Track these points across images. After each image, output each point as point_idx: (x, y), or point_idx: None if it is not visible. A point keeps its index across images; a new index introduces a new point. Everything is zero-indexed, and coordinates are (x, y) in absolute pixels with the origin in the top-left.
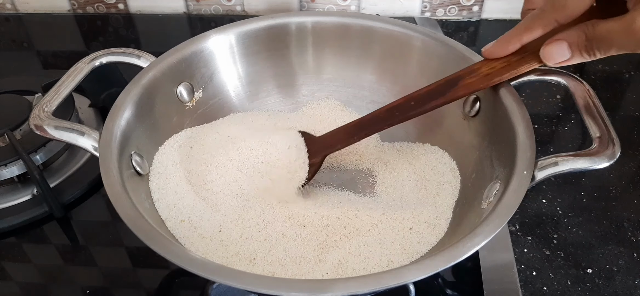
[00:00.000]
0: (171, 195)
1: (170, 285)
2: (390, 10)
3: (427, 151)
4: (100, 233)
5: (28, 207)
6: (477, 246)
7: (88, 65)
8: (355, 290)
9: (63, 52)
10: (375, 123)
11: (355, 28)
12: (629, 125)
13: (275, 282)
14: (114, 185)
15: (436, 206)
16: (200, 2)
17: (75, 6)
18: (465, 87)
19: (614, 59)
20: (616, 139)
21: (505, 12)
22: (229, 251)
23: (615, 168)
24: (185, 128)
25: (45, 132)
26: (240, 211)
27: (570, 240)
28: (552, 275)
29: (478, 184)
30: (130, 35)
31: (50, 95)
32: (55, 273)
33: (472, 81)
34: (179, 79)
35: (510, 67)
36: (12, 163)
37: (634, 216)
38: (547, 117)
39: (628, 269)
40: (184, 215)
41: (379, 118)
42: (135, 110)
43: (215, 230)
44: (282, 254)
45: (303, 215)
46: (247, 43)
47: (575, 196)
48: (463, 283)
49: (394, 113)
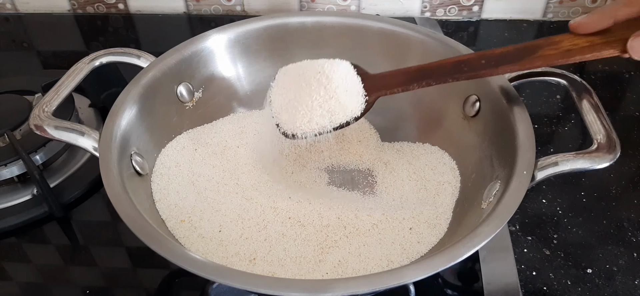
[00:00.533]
0: (173, 195)
1: (170, 285)
2: (390, 10)
3: (427, 151)
4: (100, 233)
5: (28, 207)
6: (477, 246)
7: (88, 65)
8: (355, 290)
9: (63, 52)
10: (439, 74)
11: (355, 28)
12: (629, 125)
13: (275, 282)
14: (114, 185)
15: (436, 206)
16: (200, 2)
17: (75, 6)
18: (544, 58)
19: (614, 59)
20: (616, 139)
21: (505, 12)
22: (229, 252)
23: (615, 168)
24: (186, 129)
25: (45, 132)
26: (240, 211)
27: (570, 240)
28: (552, 275)
29: (478, 184)
30: (130, 35)
31: (50, 95)
32: (55, 273)
33: (552, 53)
34: (179, 79)
35: (593, 48)
36: (12, 163)
37: (634, 216)
38: (547, 117)
39: (628, 269)
40: (185, 215)
41: (444, 69)
42: (135, 110)
43: (215, 230)
44: (282, 254)
45: (303, 215)
46: (247, 43)
47: (575, 196)
48: (463, 283)
49: (461, 67)
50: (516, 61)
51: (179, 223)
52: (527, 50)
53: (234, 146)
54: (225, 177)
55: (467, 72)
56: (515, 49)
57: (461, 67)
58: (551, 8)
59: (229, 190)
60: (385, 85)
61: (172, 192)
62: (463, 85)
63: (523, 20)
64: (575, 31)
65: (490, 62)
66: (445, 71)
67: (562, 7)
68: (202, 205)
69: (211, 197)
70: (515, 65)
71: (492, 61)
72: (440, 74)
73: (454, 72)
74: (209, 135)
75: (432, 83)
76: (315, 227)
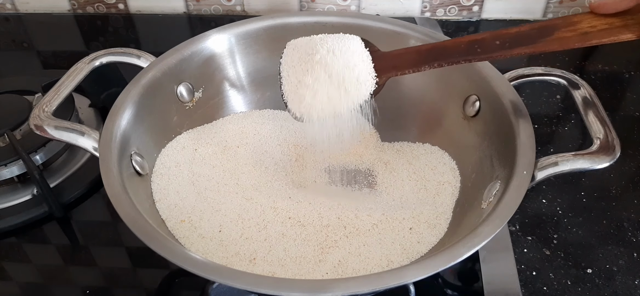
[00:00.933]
0: (173, 195)
1: (170, 285)
2: (390, 10)
3: (427, 151)
4: (100, 233)
5: (28, 207)
6: (477, 247)
7: (88, 65)
8: (355, 290)
9: (63, 52)
10: (452, 54)
11: (356, 28)
12: (629, 125)
13: (275, 282)
14: (114, 186)
15: (436, 206)
16: (200, 2)
17: (75, 6)
18: (560, 42)
19: (614, 58)
20: (616, 139)
21: (505, 12)
22: (229, 251)
23: (615, 168)
24: (186, 129)
25: (45, 132)
26: (240, 211)
27: (570, 240)
28: (552, 275)
29: (478, 184)
30: (130, 35)
31: (50, 95)
32: (55, 273)
33: (569, 36)
34: (179, 79)
35: (611, 31)
36: (12, 163)
37: (634, 216)
38: (547, 117)
39: (628, 269)
40: (185, 215)
41: (458, 49)
42: (135, 110)
43: (215, 230)
44: (282, 254)
45: (303, 215)
46: (247, 43)
47: (575, 196)
48: (463, 283)
49: (474, 48)
50: (531, 43)
51: (179, 223)
52: (543, 30)
53: (234, 146)
54: (225, 177)
55: (481, 53)
56: (531, 29)
57: (475, 47)
58: (551, 8)
59: (229, 190)
60: (396, 65)
61: (172, 192)
62: (463, 85)
63: (523, 20)
64: (596, 11)
65: (505, 43)
66: (459, 51)
67: (562, 7)
68: (202, 205)
69: (211, 197)
70: (530, 47)
71: (506, 42)
72: (453, 54)
73: (467, 53)
74: (209, 135)
75: (444, 64)
76: (315, 227)
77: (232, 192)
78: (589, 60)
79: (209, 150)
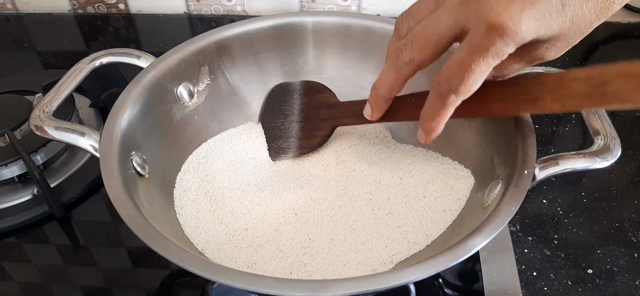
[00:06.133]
0: (191, 207)
1: (170, 285)
2: (391, 10)
3: (427, 151)
4: (100, 233)
5: (28, 207)
6: (477, 247)
7: (88, 65)
8: (355, 290)
9: (63, 52)
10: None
11: (356, 28)
12: (629, 125)
13: (275, 282)
14: (115, 186)
15: (437, 206)
16: (200, 2)
17: (76, 6)
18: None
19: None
20: (616, 139)
21: None
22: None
23: (615, 168)
24: (186, 129)
25: (45, 133)
26: (240, 210)
27: (570, 240)
28: (553, 275)
29: (478, 184)
30: (131, 35)
31: (51, 96)
32: (55, 273)
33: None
34: (179, 79)
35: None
36: (13, 163)
37: (635, 216)
38: (548, 117)
39: (628, 269)
40: (215, 244)
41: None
42: (136, 110)
43: (218, 230)
44: (281, 253)
45: (303, 214)
46: (247, 43)
47: (576, 196)
48: (463, 283)
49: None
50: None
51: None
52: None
53: (235, 146)
54: (225, 177)
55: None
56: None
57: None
58: None
59: (229, 190)
60: (342, 116)
61: (194, 216)
62: None
63: None
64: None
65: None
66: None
67: None
68: (220, 213)
69: (227, 204)
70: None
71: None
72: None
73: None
74: (209, 136)
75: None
76: (316, 226)
77: (232, 192)
78: (590, 60)
79: (209, 150)
